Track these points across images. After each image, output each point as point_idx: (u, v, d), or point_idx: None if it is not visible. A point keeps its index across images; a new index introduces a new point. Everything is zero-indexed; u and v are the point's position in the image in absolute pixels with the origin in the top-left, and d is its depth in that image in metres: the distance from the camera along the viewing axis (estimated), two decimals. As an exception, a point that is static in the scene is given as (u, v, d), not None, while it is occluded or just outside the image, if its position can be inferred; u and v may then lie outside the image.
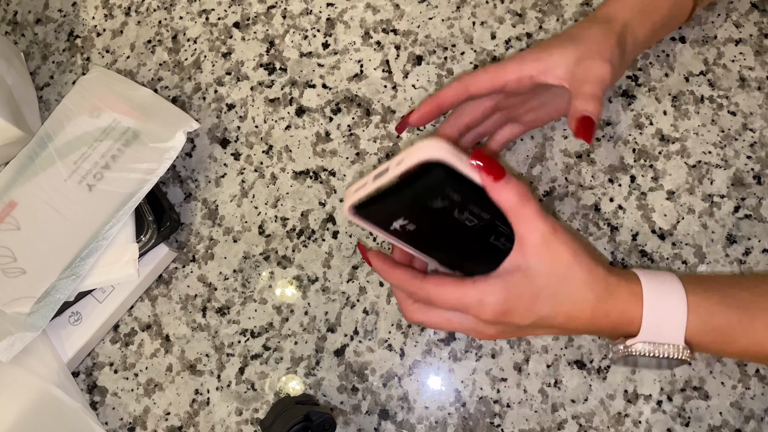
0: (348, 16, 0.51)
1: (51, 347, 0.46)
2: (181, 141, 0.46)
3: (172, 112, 0.48)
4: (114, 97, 0.49)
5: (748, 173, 0.43)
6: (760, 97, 0.44)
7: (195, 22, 0.53)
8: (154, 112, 0.48)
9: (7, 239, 0.47)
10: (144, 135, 0.47)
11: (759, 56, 0.45)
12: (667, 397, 0.41)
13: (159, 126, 0.47)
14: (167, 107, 0.49)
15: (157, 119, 0.48)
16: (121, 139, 0.47)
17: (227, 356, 0.47)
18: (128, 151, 0.47)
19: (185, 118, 0.47)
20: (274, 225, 0.48)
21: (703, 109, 0.45)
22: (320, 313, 0.46)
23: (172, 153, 0.46)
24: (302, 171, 0.49)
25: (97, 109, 0.49)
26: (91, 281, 0.45)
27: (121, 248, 0.45)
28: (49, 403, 0.45)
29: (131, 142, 0.47)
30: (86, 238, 0.45)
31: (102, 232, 0.45)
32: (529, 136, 0.46)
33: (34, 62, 0.56)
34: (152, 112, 0.48)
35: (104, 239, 0.45)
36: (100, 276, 0.45)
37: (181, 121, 0.47)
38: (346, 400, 0.45)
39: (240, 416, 0.46)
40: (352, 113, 0.49)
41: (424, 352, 0.44)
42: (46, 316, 0.44)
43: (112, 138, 0.48)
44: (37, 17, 0.57)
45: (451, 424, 0.43)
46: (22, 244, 0.46)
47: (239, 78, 0.51)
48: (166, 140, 0.46)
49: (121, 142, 0.47)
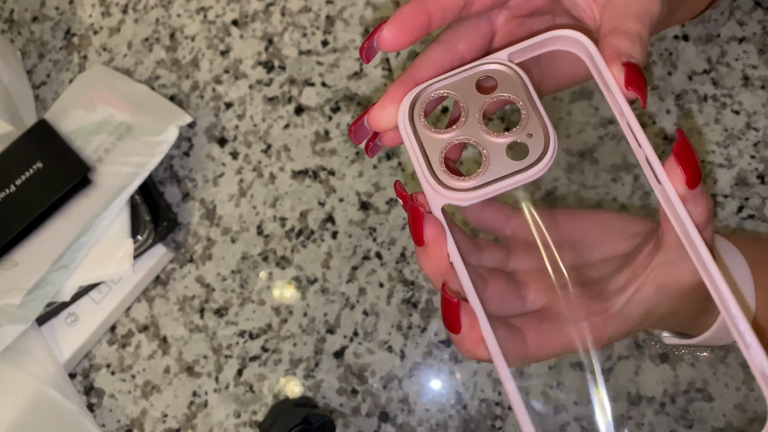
0: (347, 14, 0.51)
1: (48, 349, 0.46)
2: (173, 135, 0.47)
3: (165, 107, 0.49)
4: (110, 92, 0.49)
5: (752, 173, 0.43)
6: (763, 95, 0.44)
7: (193, 20, 0.53)
8: (148, 107, 0.49)
9: None
10: (137, 129, 0.48)
11: (763, 55, 0.45)
12: (670, 399, 0.41)
13: (152, 120, 0.48)
14: (161, 102, 0.49)
15: (151, 114, 0.48)
16: (114, 133, 0.48)
17: (225, 358, 0.46)
18: (121, 144, 0.47)
19: (178, 113, 0.48)
20: (272, 225, 0.48)
21: (707, 107, 0.44)
22: (319, 314, 0.46)
23: (164, 147, 0.46)
24: (301, 170, 0.48)
25: (93, 103, 0.49)
26: (85, 276, 0.45)
27: (115, 243, 0.45)
28: (46, 405, 0.45)
29: (124, 136, 0.48)
30: (77, 230, 0.45)
31: (93, 225, 0.45)
32: (531, 135, 0.46)
33: (30, 60, 0.55)
34: (146, 107, 0.49)
35: (95, 232, 0.45)
36: (94, 271, 0.45)
37: (174, 115, 0.47)
38: (346, 403, 0.44)
39: (238, 418, 0.45)
40: (352, 112, 0.49)
41: (424, 353, 0.44)
42: (36, 309, 0.44)
43: (106, 132, 0.48)
44: (34, 15, 0.56)
45: (452, 427, 0.43)
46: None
47: (237, 76, 0.51)
48: (158, 134, 0.47)
49: (115, 136, 0.48)
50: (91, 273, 0.45)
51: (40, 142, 0.48)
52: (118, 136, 0.48)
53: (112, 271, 0.45)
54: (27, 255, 0.46)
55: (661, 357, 0.42)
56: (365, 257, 0.46)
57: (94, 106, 0.49)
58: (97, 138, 0.48)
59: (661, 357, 0.42)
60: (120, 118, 0.48)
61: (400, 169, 0.47)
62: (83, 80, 0.51)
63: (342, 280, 0.46)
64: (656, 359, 0.42)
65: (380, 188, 0.47)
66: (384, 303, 0.45)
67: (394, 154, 0.47)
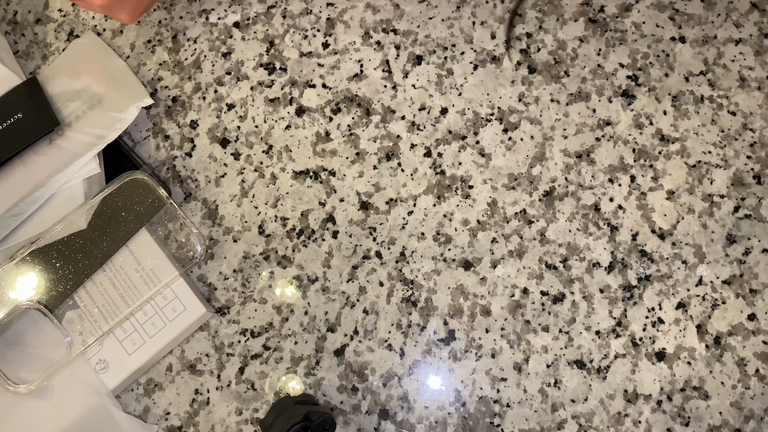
0: (348, 16, 0.51)
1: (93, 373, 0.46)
2: (133, 114, 0.49)
3: (135, 87, 0.51)
4: (94, 63, 0.53)
5: (748, 173, 0.43)
6: (760, 97, 0.44)
7: (195, 22, 0.53)
8: (121, 84, 0.51)
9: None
10: (106, 102, 0.50)
11: (759, 56, 0.45)
12: (666, 397, 0.41)
13: (121, 97, 0.50)
14: (133, 81, 0.52)
15: (122, 90, 0.51)
16: (88, 102, 0.50)
17: (227, 356, 0.47)
18: (90, 114, 0.50)
19: (143, 94, 0.50)
20: (273, 225, 0.48)
21: (703, 109, 0.45)
22: (320, 312, 0.46)
23: (123, 124, 0.49)
24: (302, 171, 0.49)
25: (77, 73, 0.52)
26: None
27: (66, 205, 0.48)
28: (101, 414, 0.45)
29: (95, 106, 0.50)
30: (34, 184, 0.48)
31: (48, 182, 0.48)
32: (529, 135, 0.46)
33: (33, 62, 0.56)
34: (120, 83, 0.51)
35: (48, 190, 0.48)
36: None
37: (138, 95, 0.50)
38: (346, 400, 0.45)
39: (240, 416, 0.46)
40: (352, 113, 0.49)
41: (424, 351, 0.44)
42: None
43: (81, 99, 0.51)
44: (37, 17, 0.57)
45: (451, 424, 0.43)
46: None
47: (239, 78, 0.51)
48: (121, 111, 0.49)
49: (87, 105, 0.50)
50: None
51: (26, 97, 0.51)
52: (89, 106, 0.50)
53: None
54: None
55: (658, 355, 0.42)
56: (365, 257, 0.46)
57: (78, 75, 0.52)
58: (73, 104, 0.51)
59: (658, 355, 0.42)
60: (96, 89, 0.51)
61: (400, 169, 0.48)
62: (76, 48, 0.54)
63: (342, 279, 0.46)
64: (653, 357, 0.42)
65: (380, 188, 0.47)
66: (384, 302, 0.46)
67: (393, 155, 0.48)
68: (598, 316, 0.43)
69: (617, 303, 0.43)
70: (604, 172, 0.45)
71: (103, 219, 0.47)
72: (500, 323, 0.44)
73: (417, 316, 0.45)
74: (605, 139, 0.46)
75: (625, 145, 0.45)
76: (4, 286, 0.46)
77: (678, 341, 0.42)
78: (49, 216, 0.48)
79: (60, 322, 0.46)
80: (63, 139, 0.50)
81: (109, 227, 0.47)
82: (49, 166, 0.49)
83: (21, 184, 0.49)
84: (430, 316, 0.45)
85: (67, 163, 0.48)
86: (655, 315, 0.43)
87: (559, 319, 0.43)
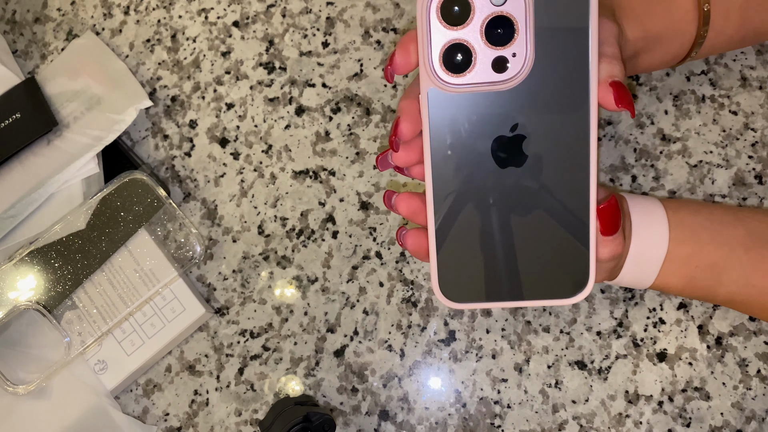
0: (348, 15, 0.51)
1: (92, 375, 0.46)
2: (131, 116, 0.49)
3: (133, 88, 0.51)
4: (94, 64, 0.52)
5: (750, 173, 0.43)
6: (761, 96, 0.44)
7: (194, 21, 0.53)
8: (120, 85, 0.51)
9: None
10: (105, 103, 0.50)
11: (760, 55, 0.45)
12: (668, 398, 0.41)
13: (119, 98, 0.50)
14: (132, 83, 0.51)
15: (120, 92, 0.51)
16: (86, 103, 0.50)
17: (226, 357, 0.47)
18: (88, 115, 0.50)
19: (142, 96, 0.50)
20: (273, 225, 0.48)
21: (705, 108, 0.45)
22: (320, 313, 0.46)
23: (121, 126, 0.49)
24: (302, 170, 0.49)
25: (76, 73, 0.52)
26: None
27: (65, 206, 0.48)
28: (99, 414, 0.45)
29: (93, 107, 0.50)
30: (32, 185, 0.48)
31: (46, 183, 0.47)
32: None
33: (32, 61, 0.55)
34: (119, 84, 0.51)
35: (46, 191, 0.48)
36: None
37: (137, 97, 0.50)
38: (346, 401, 0.44)
39: (239, 417, 0.46)
40: (352, 112, 0.49)
41: (424, 352, 0.44)
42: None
43: (80, 100, 0.50)
44: (36, 16, 0.57)
45: (451, 425, 0.43)
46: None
47: (238, 77, 0.51)
48: (120, 112, 0.49)
49: (86, 105, 0.50)
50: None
51: (25, 97, 0.51)
52: (88, 107, 0.50)
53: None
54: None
55: (659, 356, 0.42)
56: (365, 257, 0.46)
57: (77, 75, 0.52)
58: (71, 105, 0.50)
59: (659, 356, 0.42)
60: (95, 90, 0.51)
61: (400, 169, 0.47)
62: (75, 48, 0.53)
63: (342, 280, 0.46)
64: (654, 358, 0.42)
65: (380, 188, 0.47)
66: (384, 302, 0.45)
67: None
68: (599, 317, 0.43)
69: (618, 303, 0.43)
70: (606, 171, 0.45)
71: (102, 219, 0.47)
72: (501, 324, 0.44)
73: (417, 317, 0.45)
74: (606, 138, 0.45)
75: (626, 145, 0.45)
76: (3, 286, 0.46)
77: (679, 342, 0.42)
78: (48, 216, 0.48)
79: (59, 323, 0.46)
80: (61, 140, 0.49)
81: (107, 227, 0.47)
82: (47, 167, 0.48)
83: (18, 185, 0.48)
84: (430, 316, 0.45)
85: (65, 165, 0.48)
86: (657, 315, 0.42)
87: (560, 319, 0.43)
